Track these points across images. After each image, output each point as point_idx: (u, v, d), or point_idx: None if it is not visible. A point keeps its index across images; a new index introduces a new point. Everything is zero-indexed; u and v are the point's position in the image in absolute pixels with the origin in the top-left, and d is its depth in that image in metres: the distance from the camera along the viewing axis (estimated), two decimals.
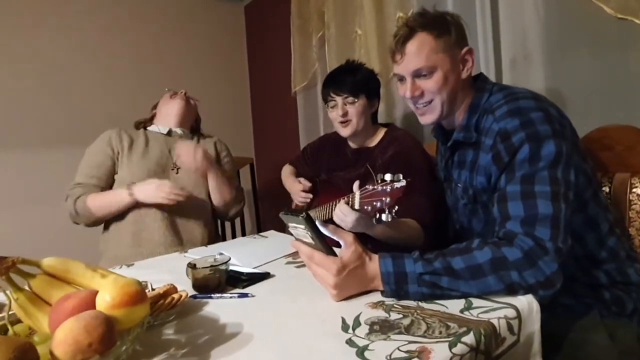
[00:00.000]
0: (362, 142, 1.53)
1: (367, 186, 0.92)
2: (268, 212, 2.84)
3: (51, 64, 2.26)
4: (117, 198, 1.47)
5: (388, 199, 0.87)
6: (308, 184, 1.70)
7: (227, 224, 2.22)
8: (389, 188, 0.87)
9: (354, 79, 1.45)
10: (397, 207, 0.90)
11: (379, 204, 0.88)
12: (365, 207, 0.92)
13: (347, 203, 1.02)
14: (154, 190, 1.42)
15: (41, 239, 2.14)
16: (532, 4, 1.42)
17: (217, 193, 1.62)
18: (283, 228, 1.81)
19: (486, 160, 0.95)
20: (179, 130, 1.68)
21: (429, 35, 1.00)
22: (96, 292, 0.60)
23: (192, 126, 1.77)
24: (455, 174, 1.12)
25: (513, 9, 1.48)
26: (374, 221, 0.92)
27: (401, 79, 1.07)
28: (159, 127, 1.67)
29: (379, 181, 0.88)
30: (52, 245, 2.01)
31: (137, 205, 1.47)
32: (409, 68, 1.02)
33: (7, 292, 0.63)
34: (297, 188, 1.71)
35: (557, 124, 0.89)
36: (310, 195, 1.68)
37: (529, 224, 0.80)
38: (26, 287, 0.66)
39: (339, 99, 1.45)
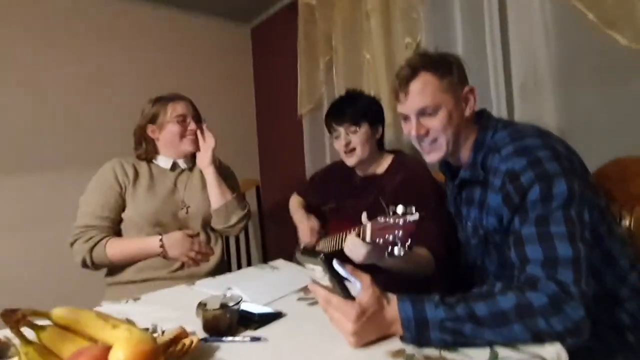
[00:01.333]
0: (370, 170, 1.52)
1: (378, 218, 0.90)
2: (274, 234, 2.81)
3: (60, 87, 2.27)
4: (146, 250, 1.42)
5: (400, 232, 0.84)
6: (317, 226, 1.65)
7: (233, 250, 2.19)
8: (401, 221, 0.84)
9: (354, 109, 1.45)
10: (410, 241, 0.87)
11: (391, 237, 0.85)
12: (377, 240, 0.89)
13: (358, 235, 0.99)
14: (181, 250, 1.43)
15: (47, 264, 2.11)
16: (543, 34, 1.41)
17: (217, 192, 1.52)
18: (290, 255, 1.78)
19: (496, 201, 0.93)
20: (182, 164, 1.59)
21: (432, 75, 1.01)
22: (109, 348, 0.58)
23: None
24: (464, 210, 1.12)
25: (523, 38, 1.47)
26: (385, 255, 0.89)
27: (405, 118, 1.07)
28: (160, 159, 1.58)
29: (391, 213, 0.86)
30: (58, 271, 1.99)
31: None
32: (414, 107, 1.03)
33: (17, 345, 0.60)
34: (304, 228, 1.66)
35: (566, 161, 0.88)
36: (314, 239, 1.64)
37: (549, 266, 0.79)
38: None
39: (341, 129, 1.46)
